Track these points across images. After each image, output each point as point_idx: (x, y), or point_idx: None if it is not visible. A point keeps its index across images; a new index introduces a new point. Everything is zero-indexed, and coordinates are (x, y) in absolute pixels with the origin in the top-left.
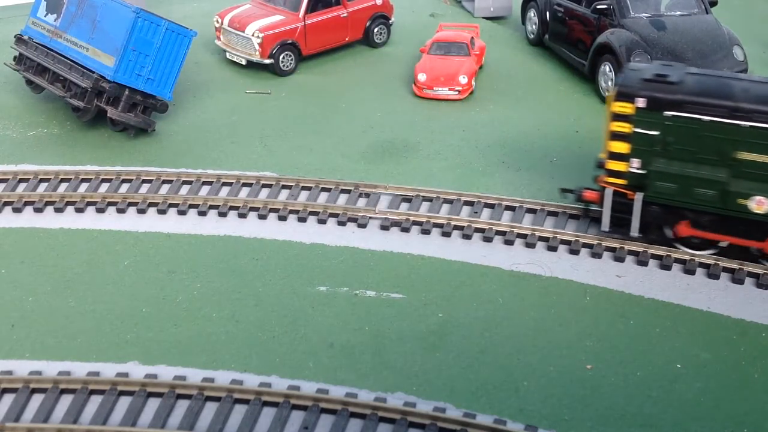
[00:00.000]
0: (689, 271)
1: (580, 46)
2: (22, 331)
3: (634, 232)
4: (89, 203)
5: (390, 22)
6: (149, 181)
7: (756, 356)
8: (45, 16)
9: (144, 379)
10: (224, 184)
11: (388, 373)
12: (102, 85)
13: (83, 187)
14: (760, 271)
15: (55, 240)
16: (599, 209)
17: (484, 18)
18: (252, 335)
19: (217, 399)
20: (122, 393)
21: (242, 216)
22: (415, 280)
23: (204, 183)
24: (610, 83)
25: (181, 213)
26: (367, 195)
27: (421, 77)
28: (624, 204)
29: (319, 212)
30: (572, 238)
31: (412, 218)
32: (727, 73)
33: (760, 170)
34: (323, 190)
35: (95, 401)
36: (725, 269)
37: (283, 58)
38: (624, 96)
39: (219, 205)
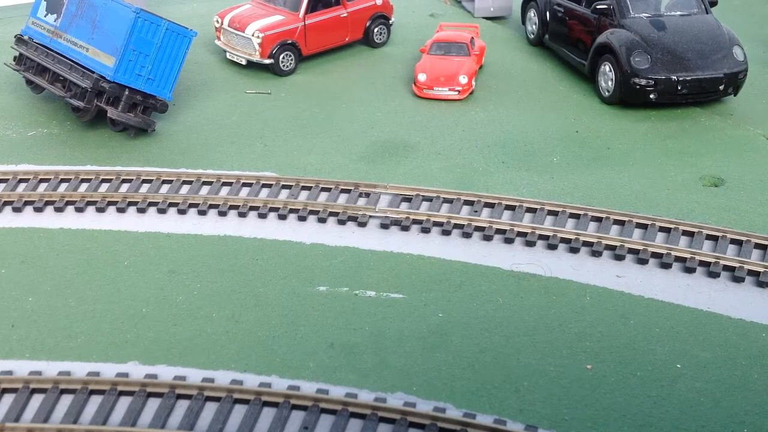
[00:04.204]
0: (689, 270)
1: (580, 46)
2: (22, 331)
3: None
4: (89, 203)
5: (390, 22)
6: (149, 181)
7: (756, 356)
8: (45, 16)
9: (144, 379)
10: (224, 183)
11: (388, 373)
12: (102, 85)
13: (83, 187)
14: (761, 270)
15: (55, 240)
16: None
17: (484, 18)
18: (252, 335)
19: (217, 399)
20: (122, 393)
21: (242, 215)
22: (415, 280)
23: (204, 183)
24: (610, 83)
25: (181, 213)
26: (367, 195)
27: (421, 77)
28: None
29: (319, 211)
30: (572, 237)
31: (412, 216)
32: None
33: None
34: (323, 189)
35: (95, 401)
36: (725, 267)
37: (283, 58)
38: None
39: (219, 205)
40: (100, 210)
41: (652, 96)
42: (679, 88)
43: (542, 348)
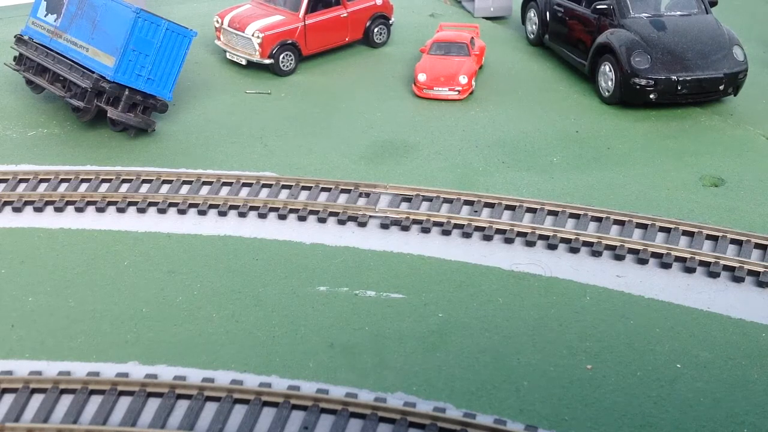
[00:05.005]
0: (689, 270)
1: (580, 46)
2: (22, 331)
3: None
4: (89, 203)
5: (390, 22)
6: (149, 181)
7: (756, 356)
8: (45, 17)
9: (144, 379)
10: (224, 184)
11: (388, 373)
12: (102, 85)
13: (83, 187)
14: (761, 270)
15: (55, 240)
16: None
17: (484, 18)
18: (252, 335)
19: (217, 399)
20: (122, 393)
21: (242, 215)
22: (415, 280)
23: (204, 183)
24: (610, 83)
25: (181, 212)
26: (367, 195)
27: (421, 77)
28: None
29: (319, 211)
30: (572, 237)
31: (411, 216)
32: None
33: None
34: (323, 189)
35: (95, 401)
36: (725, 267)
37: (283, 58)
38: None
39: (219, 205)
40: (100, 210)
41: (652, 96)
42: (679, 88)
43: (542, 348)
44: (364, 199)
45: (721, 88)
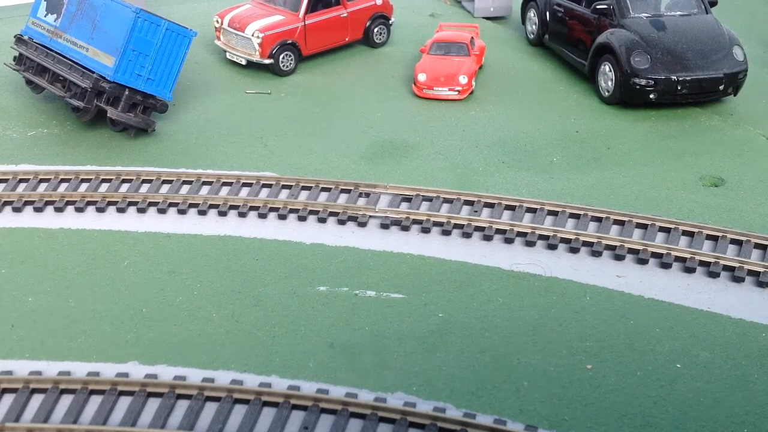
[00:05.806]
0: (689, 270)
1: (580, 46)
2: (22, 331)
3: None
4: (89, 203)
5: (390, 22)
6: (149, 181)
7: (756, 356)
8: (45, 17)
9: (144, 379)
10: (224, 184)
11: (388, 373)
12: (102, 85)
13: (83, 187)
14: (761, 270)
15: (55, 240)
16: None
17: (484, 18)
18: (252, 335)
19: (217, 399)
20: (122, 393)
21: (242, 215)
22: (415, 280)
23: (204, 183)
24: (610, 83)
25: (181, 213)
26: (367, 195)
27: (421, 77)
28: None
29: (319, 211)
30: (572, 237)
31: (411, 216)
32: None
33: None
34: (323, 189)
35: (95, 401)
36: (725, 267)
37: (283, 58)
38: None
39: (219, 205)
40: (100, 210)
41: (652, 96)
42: (679, 88)
43: (542, 348)
44: (364, 199)
45: (721, 88)
